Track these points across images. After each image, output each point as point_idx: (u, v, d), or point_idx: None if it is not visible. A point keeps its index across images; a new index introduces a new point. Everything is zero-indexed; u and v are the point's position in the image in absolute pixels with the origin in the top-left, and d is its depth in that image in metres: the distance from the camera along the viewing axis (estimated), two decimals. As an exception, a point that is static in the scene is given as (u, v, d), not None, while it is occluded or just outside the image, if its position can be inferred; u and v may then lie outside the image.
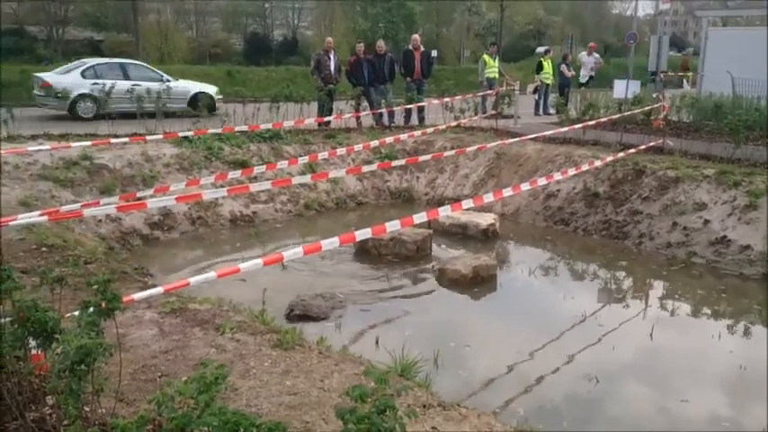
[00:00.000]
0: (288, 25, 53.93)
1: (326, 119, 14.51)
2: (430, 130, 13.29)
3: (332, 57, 15.43)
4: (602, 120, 13.16)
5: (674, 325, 7.25)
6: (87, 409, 3.14)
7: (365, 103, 15.67)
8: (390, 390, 2.57)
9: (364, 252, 9.20)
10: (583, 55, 22.76)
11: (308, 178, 10.26)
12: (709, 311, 7.68)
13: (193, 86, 18.66)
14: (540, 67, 20.24)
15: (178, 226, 10.20)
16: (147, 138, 10.75)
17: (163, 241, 9.82)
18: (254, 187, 8.41)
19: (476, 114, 15.62)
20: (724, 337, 6.86)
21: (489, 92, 17.13)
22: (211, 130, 11.63)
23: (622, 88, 17.00)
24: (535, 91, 20.44)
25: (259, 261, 5.19)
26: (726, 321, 7.36)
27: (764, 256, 8.57)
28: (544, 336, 6.72)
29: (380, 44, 16.40)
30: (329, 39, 16.64)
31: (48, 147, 9.98)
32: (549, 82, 20.10)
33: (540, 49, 29.54)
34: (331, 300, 7.34)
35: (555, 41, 54.79)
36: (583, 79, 21.52)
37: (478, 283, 8.13)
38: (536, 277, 8.67)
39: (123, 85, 15.16)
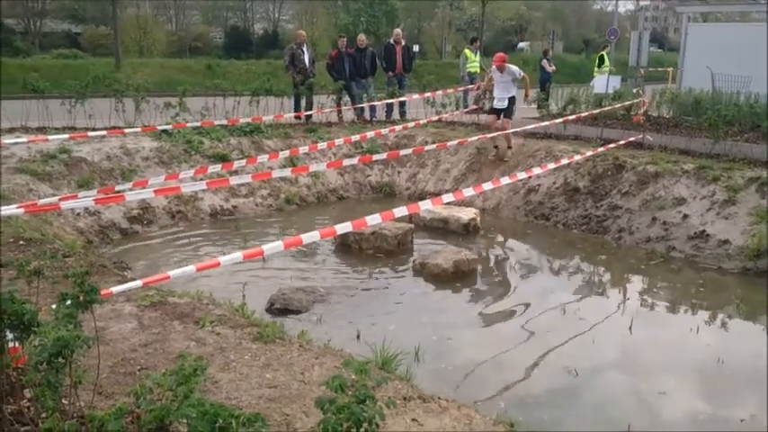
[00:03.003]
0: (269, 19, 53.70)
1: (307, 113, 14.46)
2: (411, 124, 13.28)
3: (305, 50, 15.30)
4: (583, 114, 13.23)
5: (652, 318, 7.30)
6: (65, 401, 3.11)
7: (346, 98, 15.62)
8: (370, 381, 2.57)
9: (345, 246, 9.19)
10: (493, 70, 12.63)
11: (288, 172, 10.21)
12: (687, 305, 7.74)
13: None
14: (601, 61, 20.23)
15: (158, 220, 10.14)
16: (126, 131, 10.66)
17: (142, 235, 9.76)
18: (234, 181, 8.36)
19: (457, 109, 15.63)
20: (702, 330, 6.92)
21: (470, 87, 17.13)
22: (190, 124, 11.56)
23: (603, 83, 17.08)
24: None
25: (239, 255, 5.17)
26: (704, 315, 7.42)
27: (742, 250, 8.65)
28: (524, 329, 6.76)
29: (362, 38, 16.33)
30: (301, 32, 16.52)
31: (25, 140, 9.87)
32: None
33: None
34: (312, 294, 7.32)
35: (536, 37, 55.11)
36: (499, 104, 12.43)
37: (459, 277, 8.14)
38: (516, 271, 8.70)
39: None
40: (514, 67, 12.33)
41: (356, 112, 15.36)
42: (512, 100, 12.36)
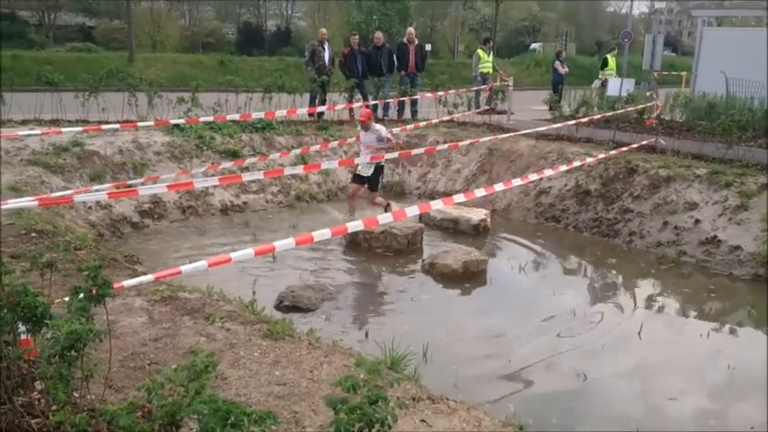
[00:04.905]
0: (281, 16, 53.74)
1: (319, 109, 14.47)
2: (423, 124, 13.27)
3: (326, 47, 15.33)
4: (596, 117, 13.17)
5: (662, 323, 7.27)
6: (76, 394, 3.12)
7: (358, 96, 15.61)
8: (382, 381, 2.56)
9: (355, 245, 9.19)
10: (359, 128, 10.74)
11: (299, 169, 10.21)
12: (698, 311, 7.71)
13: None
14: (605, 63, 20.11)
15: (168, 214, 10.17)
16: (139, 124, 10.68)
17: (153, 229, 9.78)
18: (246, 177, 8.38)
19: (469, 109, 15.60)
20: (712, 336, 6.89)
21: (483, 87, 17.09)
22: (203, 119, 11.58)
23: (617, 86, 16.99)
24: (602, 86, 19.55)
25: (250, 251, 5.18)
26: (714, 321, 7.39)
27: (754, 257, 8.60)
28: (534, 332, 6.74)
29: (378, 35, 16.32)
30: (323, 30, 16.54)
31: (38, 132, 9.92)
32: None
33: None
34: (321, 291, 7.33)
35: (549, 38, 54.96)
36: (363, 170, 9.95)
37: (469, 277, 8.13)
38: (526, 273, 8.67)
39: None
40: (381, 127, 10.06)
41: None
42: (378, 169, 9.93)
